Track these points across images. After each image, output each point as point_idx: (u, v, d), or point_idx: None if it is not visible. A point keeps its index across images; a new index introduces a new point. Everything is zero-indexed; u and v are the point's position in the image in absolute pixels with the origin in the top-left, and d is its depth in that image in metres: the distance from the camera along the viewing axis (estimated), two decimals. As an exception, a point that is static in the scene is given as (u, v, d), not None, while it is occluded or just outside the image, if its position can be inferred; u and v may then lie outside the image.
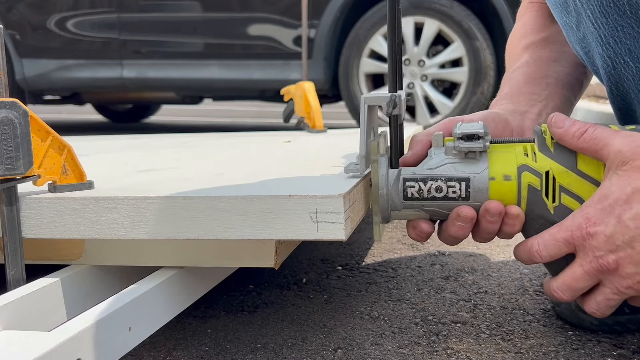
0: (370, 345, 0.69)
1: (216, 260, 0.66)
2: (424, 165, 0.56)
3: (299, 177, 0.71)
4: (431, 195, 0.56)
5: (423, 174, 0.56)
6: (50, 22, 3.09)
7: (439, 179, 0.55)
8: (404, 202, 0.57)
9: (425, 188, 0.56)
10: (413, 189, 0.56)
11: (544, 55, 0.73)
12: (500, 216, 0.55)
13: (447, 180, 0.55)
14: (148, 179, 0.75)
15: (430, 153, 0.57)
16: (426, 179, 0.55)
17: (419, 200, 0.56)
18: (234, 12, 3.00)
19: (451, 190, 0.55)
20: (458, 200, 0.56)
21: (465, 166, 0.55)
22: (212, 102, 4.33)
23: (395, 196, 0.56)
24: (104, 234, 0.61)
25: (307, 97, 1.54)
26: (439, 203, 0.56)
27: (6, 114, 0.57)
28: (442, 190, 0.55)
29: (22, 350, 0.44)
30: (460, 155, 0.56)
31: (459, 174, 0.55)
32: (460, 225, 0.56)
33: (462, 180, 0.55)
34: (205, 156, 1.07)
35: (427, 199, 0.56)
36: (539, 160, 0.55)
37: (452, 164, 0.56)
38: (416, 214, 0.58)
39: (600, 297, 0.53)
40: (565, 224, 0.52)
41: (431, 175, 0.56)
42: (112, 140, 1.48)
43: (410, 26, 2.79)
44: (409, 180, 0.56)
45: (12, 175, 0.59)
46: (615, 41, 0.58)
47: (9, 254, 0.61)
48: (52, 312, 0.62)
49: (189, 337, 0.72)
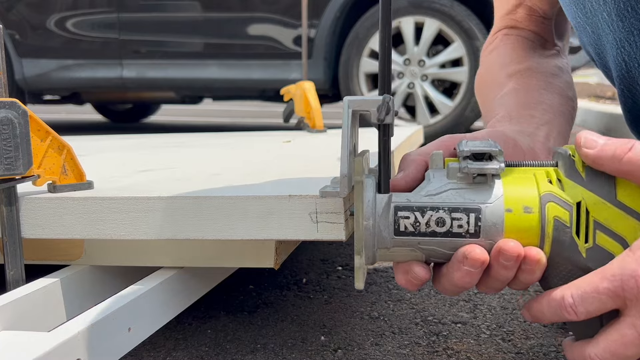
0: (371, 345, 0.69)
1: (216, 261, 0.66)
2: (420, 191, 0.44)
3: (299, 177, 0.71)
4: (430, 230, 0.43)
5: (420, 201, 0.44)
6: (50, 22, 3.09)
7: (441, 209, 0.43)
8: (395, 237, 0.44)
9: (423, 220, 0.43)
10: (407, 220, 0.43)
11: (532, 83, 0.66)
12: (518, 260, 0.43)
13: (451, 210, 0.43)
14: (148, 178, 0.75)
15: (428, 176, 0.45)
16: (424, 209, 0.43)
17: (414, 235, 0.44)
18: (234, 12, 2.99)
19: (456, 223, 0.43)
20: (465, 237, 0.43)
21: (474, 193, 0.44)
22: (212, 102, 4.33)
23: (384, 229, 0.44)
24: (104, 234, 0.61)
25: (307, 97, 1.53)
26: (440, 240, 0.44)
27: (6, 114, 0.57)
28: (444, 224, 0.43)
29: (22, 351, 0.44)
30: (468, 180, 0.44)
31: (466, 203, 0.43)
32: (468, 270, 0.43)
33: (471, 211, 0.43)
34: (204, 156, 1.07)
35: (424, 235, 0.44)
36: (568, 189, 0.44)
37: (457, 190, 0.44)
38: (409, 254, 0.45)
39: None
40: (611, 271, 0.40)
41: (431, 203, 0.43)
42: (112, 140, 1.48)
43: (411, 26, 2.79)
44: (402, 210, 0.43)
45: (12, 175, 0.59)
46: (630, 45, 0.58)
47: (9, 254, 0.61)
48: (52, 312, 0.62)
49: (188, 338, 0.72)
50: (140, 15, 3.06)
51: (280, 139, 1.34)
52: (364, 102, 0.44)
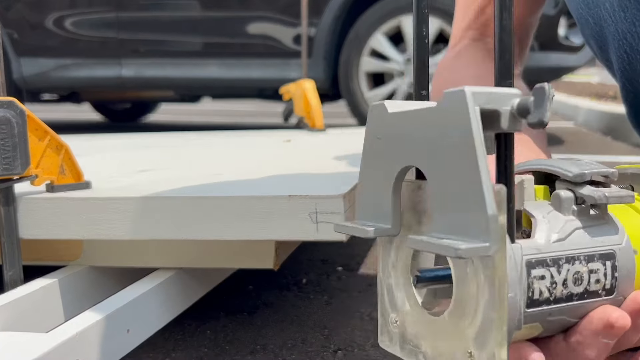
0: (371, 346, 0.68)
1: (215, 261, 0.66)
2: (549, 234, 0.31)
3: (299, 177, 0.71)
4: (567, 293, 0.30)
5: (553, 251, 0.30)
6: (49, 21, 3.09)
7: (579, 259, 0.30)
8: (527, 311, 0.29)
9: (560, 279, 0.30)
10: (543, 282, 0.29)
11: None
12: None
13: (587, 258, 0.31)
14: (146, 178, 0.74)
15: (535, 217, 0.31)
16: (560, 261, 0.30)
17: (547, 305, 0.30)
18: (233, 11, 2.99)
19: (594, 278, 0.31)
20: (600, 297, 0.31)
21: (600, 232, 0.32)
22: (211, 101, 4.32)
23: (516, 304, 0.29)
24: (102, 235, 0.60)
25: (307, 96, 1.53)
26: (572, 306, 0.31)
27: (3, 114, 0.57)
28: (582, 281, 0.31)
29: (20, 352, 0.43)
30: (585, 214, 0.32)
31: (599, 247, 0.31)
32: (606, 344, 0.31)
33: (607, 259, 0.31)
34: (204, 156, 1.06)
35: (559, 301, 0.30)
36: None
37: (582, 231, 0.31)
38: (526, 332, 0.31)
39: None
40: None
41: (566, 252, 0.30)
42: (111, 139, 1.47)
43: (411, 25, 2.78)
44: (537, 266, 0.29)
45: (10, 175, 0.58)
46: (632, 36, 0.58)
47: (7, 254, 0.60)
48: (50, 313, 0.61)
49: (188, 338, 0.71)
50: (139, 14, 3.05)
51: (280, 139, 1.34)
52: (492, 95, 0.26)
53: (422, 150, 0.28)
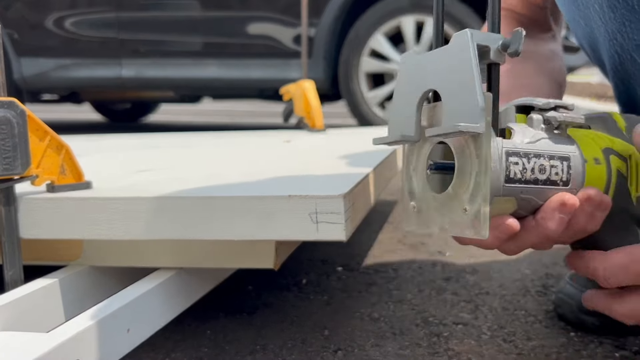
0: (371, 346, 0.69)
1: (215, 261, 0.66)
2: (521, 139, 0.42)
3: (299, 177, 0.71)
4: (534, 177, 0.41)
5: (525, 148, 0.41)
6: (49, 21, 3.09)
7: (542, 156, 0.42)
8: (505, 185, 0.41)
9: (529, 166, 0.41)
10: (517, 167, 0.41)
11: (525, 67, 0.69)
12: (597, 207, 0.44)
13: (550, 157, 0.42)
14: (147, 178, 0.74)
15: (513, 127, 0.43)
16: (529, 155, 0.41)
17: (520, 183, 0.41)
18: (233, 11, 2.99)
19: (554, 171, 0.42)
20: (559, 186, 0.43)
21: (561, 143, 0.43)
22: (211, 101, 4.32)
23: (497, 176, 0.40)
24: (103, 235, 0.61)
25: (307, 96, 1.53)
26: (539, 189, 0.42)
27: (4, 114, 0.57)
28: (545, 171, 0.42)
29: (20, 352, 0.44)
30: (550, 131, 0.43)
31: (559, 151, 0.43)
32: (561, 218, 0.42)
33: (564, 159, 0.43)
34: (204, 156, 1.06)
35: (528, 182, 0.41)
36: (618, 144, 0.46)
37: (547, 140, 0.43)
38: (503, 207, 0.42)
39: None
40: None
41: (533, 150, 0.41)
42: (111, 139, 1.47)
43: (411, 25, 2.79)
44: (512, 155, 0.40)
45: (10, 176, 0.59)
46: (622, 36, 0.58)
47: (7, 254, 0.60)
48: (51, 313, 0.61)
49: (188, 339, 0.71)
50: (139, 14, 3.05)
51: (280, 139, 1.34)
52: (486, 36, 0.39)
53: (438, 76, 0.40)
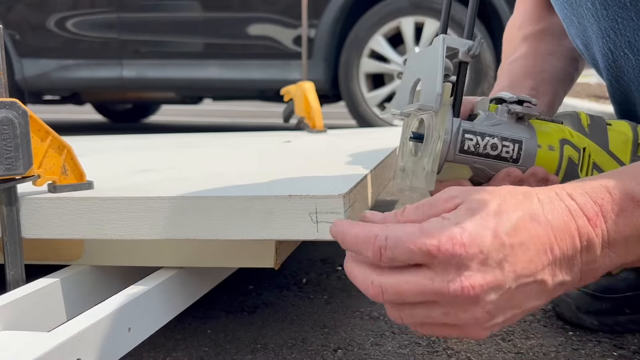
0: (371, 345, 0.69)
1: (216, 261, 0.66)
2: (481, 122, 0.55)
3: (299, 177, 0.71)
4: (485, 152, 0.54)
5: (482, 129, 0.54)
6: (50, 22, 3.09)
7: (496, 137, 0.54)
8: (458, 154, 0.54)
9: (482, 143, 0.54)
10: (471, 142, 0.54)
11: (541, 48, 0.74)
12: (542, 183, 0.53)
13: (502, 139, 0.54)
14: (148, 179, 0.75)
15: (480, 113, 0.56)
16: (484, 134, 0.54)
17: (472, 155, 0.54)
18: (234, 12, 2.99)
19: (505, 150, 0.54)
20: (508, 162, 0.55)
21: (518, 129, 0.55)
22: (212, 102, 4.32)
23: (452, 146, 0.54)
24: (104, 234, 0.61)
25: (307, 97, 1.53)
26: (490, 162, 0.55)
27: (6, 114, 0.57)
28: (496, 149, 0.54)
29: (22, 351, 0.44)
30: (512, 119, 0.55)
31: (513, 135, 0.55)
32: None
33: (516, 142, 0.55)
34: (204, 156, 1.07)
35: (480, 155, 0.54)
36: (576, 138, 0.58)
37: (506, 125, 0.55)
38: (461, 172, 0.56)
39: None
40: (432, 229, 0.38)
41: (489, 131, 0.54)
42: (112, 140, 1.48)
43: (411, 26, 2.79)
44: (468, 132, 0.54)
45: (12, 176, 0.59)
46: (615, 33, 0.58)
47: (9, 254, 0.61)
48: (52, 312, 0.62)
49: (188, 338, 0.72)
50: (140, 15, 3.06)
51: (280, 139, 1.34)
52: (456, 41, 0.52)
53: (422, 68, 0.54)
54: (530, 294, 0.40)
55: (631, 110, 0.65)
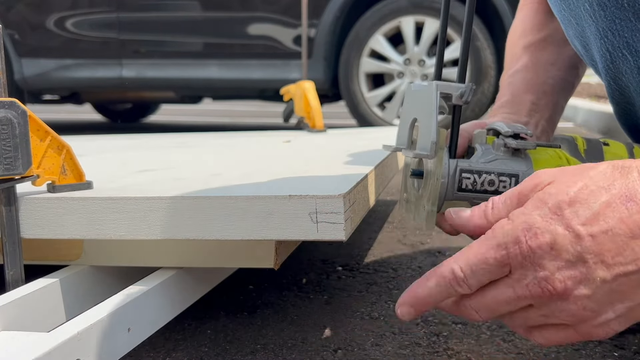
0: (371, 346, 0.69)
1: (216, 261, 0.66)
2: (476, 159, 0.56)
3: (299, 177, 0.71)
4: (483, 189, 0.56)
5: (478, 167, 0.56)
6: (50, 21, 3.09)
7: (492, 173, 0.55)
8: (457, 193, 0.56)
9: (479, 181, 0.55)
10: (468, 180, 0.55)
11: (542, 59, 0.74)
12: None
13: (499, 174, 0.56)
14: (147, 179, 0.74)
15: (477, 148, 0.58)
16: (481, 172, 0.55)
17: (471, 192, 0.56)
18: (234, 12, 2.99)
19: (502, 185, 0.56)
20: None
21: (514, 163, 0.56)
22: (212, 101, 4.32)
23: (450, 186, 0.56)
24: (103, 234, 0.61)
25: (307, 96, 1.53)
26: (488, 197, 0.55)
27: (5, 114, 0.57)
28: (494, 184, 0.55)
29: (21, 351, 0.44)
30: (509, 153, 0.56)
31: (509, 170, 0.56)
32: None
33: (513, 176, 0.56)
34: (204, 156, 1.07)
35: (478, 192, 0.56)
36: (572, 164, 0.58)
37: (502, 160, 0.56)
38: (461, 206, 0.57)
39: None
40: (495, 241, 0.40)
41: (485, 169, 0.56)
42: (112, 140, 1.47)
43: (411, 26, 2.79)
44: (465, 172, 0.56)
45: (11, 176, 0.59)
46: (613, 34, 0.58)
47: (8, 254, 0.60)
48: (51, 312, 0.62)
49: (188, 338, 0.72)
50: (139, 14, 3.06)
51: (280, 139, 1.34)
52: (449, 86, 0.54)
53: (418, 110, 0.56)
54: (638, 283, 0.36)
55: (630, 110, 0.65)
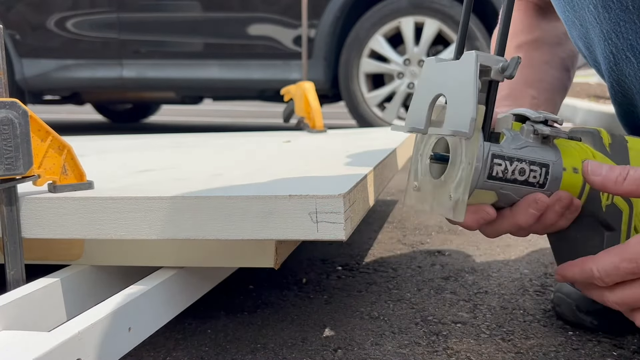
0: (371, 345, 0.69)
1: (216, 261, 0.66)
2: (508, 144, 0.50)
3: (299, 177, 0.71)
4: (513, 178, 0.50)
5: (510, 153, 0.50)
6: (50, 22, 3.09)
7: (524, 161, 0.50)
8: (486, 181, 0.49)
9: (511, 168, 0.50)
10: (499, 167, 0.49)
11: (536, 57, 0.73)
12: (567, 208, 0.52)
13: (530, 163, 0.50)
14: (148, 179, 0.75)
15: (505, 133, 0.51)
16: (512, 159, 0.50)
17: (500, 181, 0.50)
18: (234, 12, 3.00)
19: (532, 174, 0.50)
20: (535, 187, 0.51)
21: (544, 152, 0.51)
22: (212, 102, 4.32)
23: (481, 173, 0.49)
24: (104, 234, 0.61)
25: (307, 97, 1.54)
26: (517, 187, 0.51)
27: (6, 114, 0.57)
28: (524, 174, 0.50)
29: (22, 351, 0.44)
30: (538, 141, 0.51)
31: (540, 159, 0.51)
32: (533, 213, 0.51)
33: (544, 166, 0.51)
34: (204, 156, 1.07)
35: (508, 181, 0.50)
36: (598, 158, 0.54)
37: (532, 148, 0.51)
38: (485, 197, 0.51)
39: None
40: (628, 254, 0.47)
41: (517, 155, 0.50)
42: (112, 140, 1.48)
43: (411, 26, 2.79)
44: (497, 157, 0.49)
45: (12, 176, 0.59)
46: (617, 36, 0.58)
47: (9, 254, 0.61)
48: (52, 312, 0.62)
49: (188, 338, 0.72)
50: (140, 15, 3.06)
51: (280, 139, 1.34)
52: (489, 58, 0.47)
53: (448, 85, 0.48)
54: None
55: (632, 112, 0.65)
